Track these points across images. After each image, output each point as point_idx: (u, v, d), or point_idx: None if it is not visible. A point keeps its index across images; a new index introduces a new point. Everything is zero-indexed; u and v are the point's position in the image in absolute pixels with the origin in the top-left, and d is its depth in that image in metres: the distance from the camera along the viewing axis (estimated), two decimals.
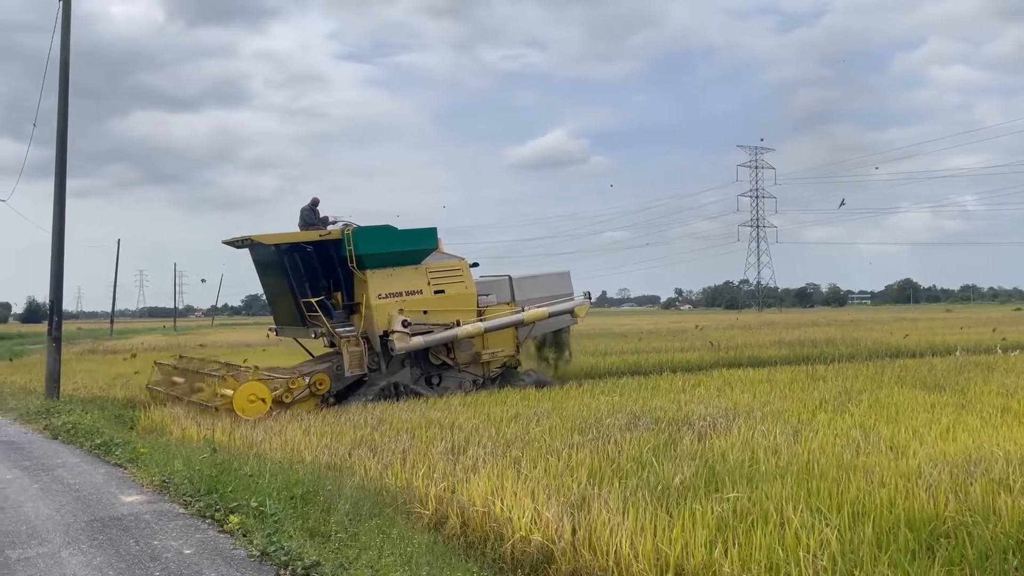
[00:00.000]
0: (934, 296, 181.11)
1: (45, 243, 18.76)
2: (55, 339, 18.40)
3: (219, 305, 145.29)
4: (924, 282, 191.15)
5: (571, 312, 19.67)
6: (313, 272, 17.15)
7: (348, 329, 16.80)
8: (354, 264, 16.80)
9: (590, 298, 20.94)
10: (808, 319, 63.70)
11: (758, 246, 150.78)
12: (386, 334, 16.77)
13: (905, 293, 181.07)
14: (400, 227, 17.85)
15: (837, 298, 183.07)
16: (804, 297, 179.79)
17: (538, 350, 20.69)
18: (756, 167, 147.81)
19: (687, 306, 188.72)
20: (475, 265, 18.64)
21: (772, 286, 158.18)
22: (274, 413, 14.75)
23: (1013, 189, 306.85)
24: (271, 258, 17.46)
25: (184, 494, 8.56)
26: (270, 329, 19.86)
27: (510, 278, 19.55)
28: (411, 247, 17.53)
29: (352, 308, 17.27)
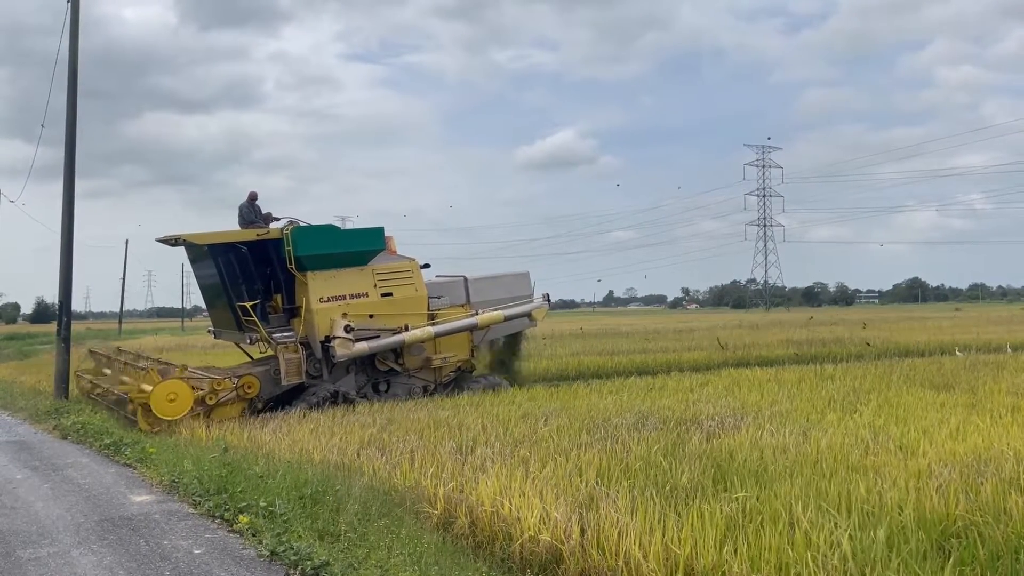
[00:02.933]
0: (942, 295, 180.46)
1: (54, 244, 18.85)
2: (64, 339, 18.49)
3: None
4: (932, 281, 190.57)
5: (528, 315, 18.81)
6: (248, 274, 16.27)
7: (286, 335, 15.83)
8: (293, 265, 15.94)
9: (549, 300, 20.02)
10: (816, 318, 63.50)
11: (765, 245, 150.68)
12: (328, 340, 15.87)
13: (913, 292, 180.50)
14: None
15: (845, 297, 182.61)
16: (811, 296, 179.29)
17: (494, 354, 19.96)
18: (763, 166, 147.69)
19: (694, 305, 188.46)
20: (426, 266, 17.82)
21: (779, 285, 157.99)
22: (197, 414, 14.08)
23: (1021, 188, 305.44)
24: (205, 259, 16.56)
25: (193, 494, 8.59)
26: (208, 331, 18.99)
27: (465, 279, 18.75)
28: (356, 248, 16.69)
29: (292, 312, 16.33)
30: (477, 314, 17.67)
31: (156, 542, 7.11)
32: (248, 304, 15.54)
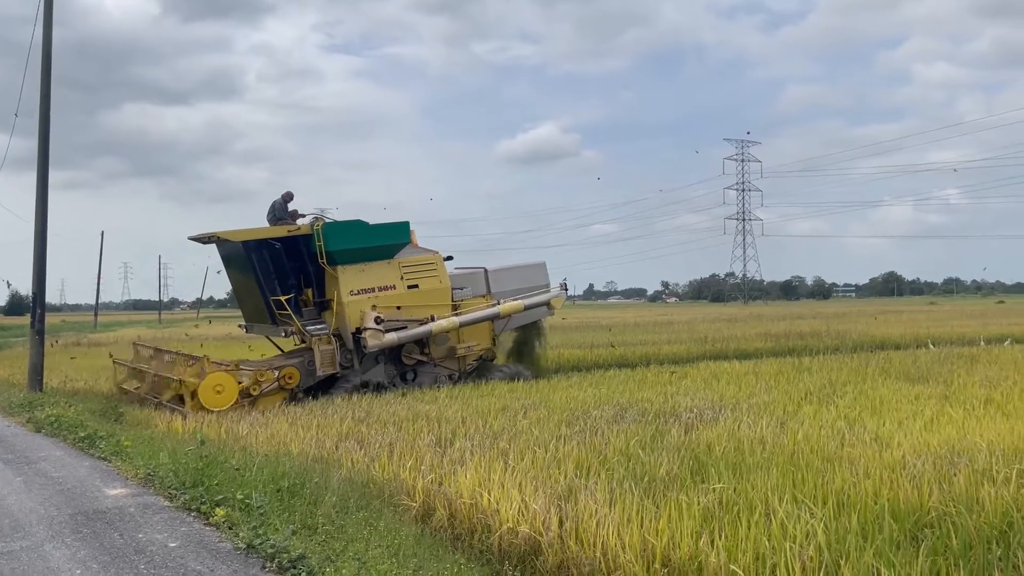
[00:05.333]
0: (918, 289, 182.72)
1: (28, 235, 18.60)
2: (38, 332, 18.26)
3: (204, 298, 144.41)
4: (908, 275, 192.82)
5: (547, 304, 19.38)
6: (282, 269, 16.69)
7: (319, 327, 16.41)
8: (324, 260, 16.46)
9: (566, 289, 20.73)
10: (793, 312, 64.04)
11: (744, 239, 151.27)
12: (359, 331, 16.41)
13: (889, 286, 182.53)
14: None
15: (822, 291, 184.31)
16: (789, 290, 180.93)
17: (514, 343, 20.42)
18: (743, 160, 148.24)
19: (673, 299, 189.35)
20: (449, 258, 18.32)
21: (758, 279, 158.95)
22: (243, 405, 14.57)
23: (994, 183, 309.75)
24: (238, 255, 16.99)
25: (169, 487, 8.51)
26: (240, 326, 19.53)
27: (485, 270, 19.22)
28: (383, 242, 17.15)
29: (323, 305, 16.85)
30: (498, 304, 18.19)
31: (131, 535, 7.04)
32: (283, 298, 16.10)
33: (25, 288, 73.14)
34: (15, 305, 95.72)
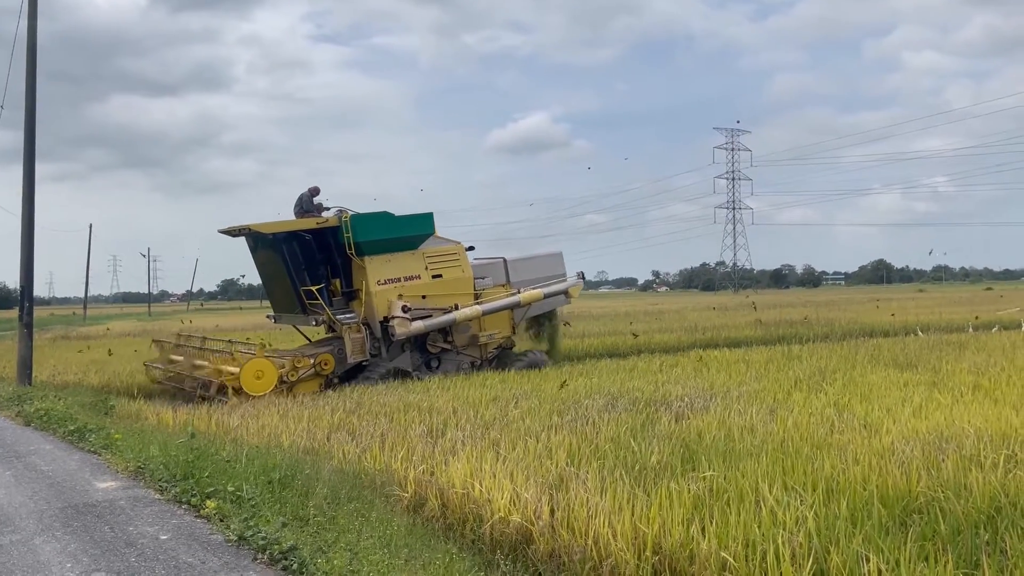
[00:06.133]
0: (907, 276, 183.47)
1: (15, 228, 18.48)
2: (26, 325, 18.15)
3: (194, 290, 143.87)
4: (897, 263, 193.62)
5: (565, 292, 19.91)
6: (312, 260, 17.12)
7: (349, 316, 16.87)
8: (352, 251, 16.86)
9: (583, 278, 21.22)
10: (784, 300, 64.26)
11: (734, 228, 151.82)
12: (386, 320, 16.88)
13: (878, 273, 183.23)
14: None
15: (812, 279, 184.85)
16: (779, 278, 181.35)
17: (532, 331, 21.02)
18: (733, 149, 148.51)
19: (664, 288, 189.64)
20: (471, 248, 18.80)
21: (748, 268, 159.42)
22: (282, 391, 15.09)
23: (982, 171, 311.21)
24: (269, 247, 17.41)
25: (160, 480, 8.48)
26: (268, 316, 19.99)
27: (504, 260, 19.69)
28: (409, 233, 17.61)
29: (351, 295, 17.34)
30: (518, 292, 18.64)
31: (121, 528, 7.01)
32: (314, 288, 16.57)
33: (13, 282, 72.64)
34: (3, 299, 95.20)
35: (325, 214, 17.46)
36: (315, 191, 17.96)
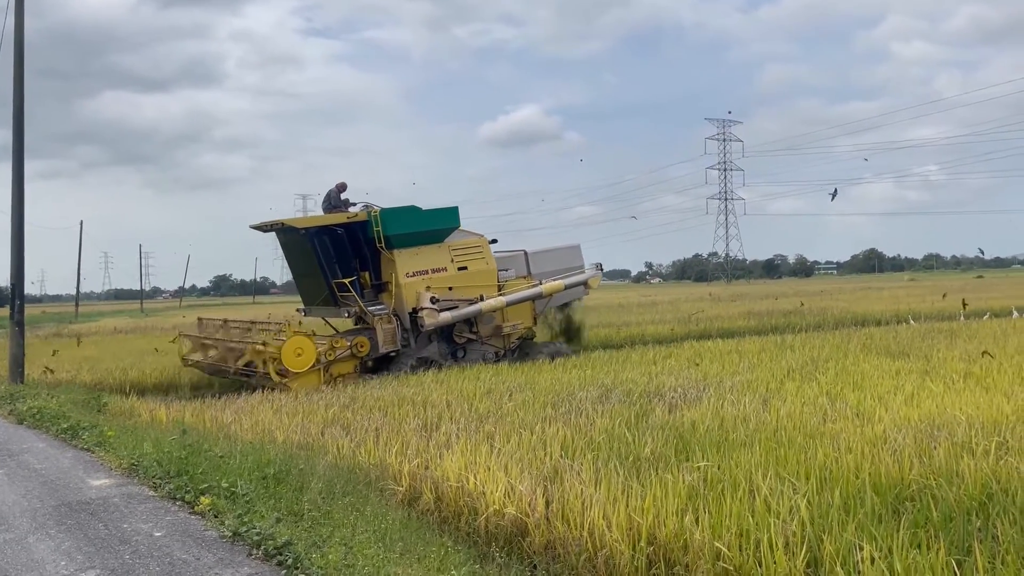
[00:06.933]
0: (899, 265, 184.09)
1: (5, 226, 18.39)
2: (18, 323, 18.07)
3: (187, 286, 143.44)
4: (889, 251, 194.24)
5: (585, 283, 20.45)
6: (343, 254, 17.65)
7: (380, 307, 17.40)
8: (382, 244, 17.33)
9: (601, 269, 21.72)
10: (776, 290, 64.41)
11: (726, 219, 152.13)
12: (415, 311, 17.41)
13: (870, 262, 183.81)
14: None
15: (804, 268, 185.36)
16: (772, 268, 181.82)
17: (553, 321, 21.67)
18: (724, 140, 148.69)
19: (657, 279, 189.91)
20: (494, 241, 19.27)
21: (740, 258, 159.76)
22: (318, 369, 15.95)
23: (972, 159, 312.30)
24: (301, 241, 17.81)
25: (153, 476, 8.46)
26: (298, 309, 20.58)
27: (525, 253, 20.26)
28: (435, 226, 18.11)
29: (380, 287, 17.87)
30: (540, 284, 19.15)
31: (115, 526, 7.00)
32: (346, 280, 17.13)
33: (3, 280, 72.30)
34: None
35: (352, 209, 17.91)
36: (342, 187, 18.34)
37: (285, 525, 6.47)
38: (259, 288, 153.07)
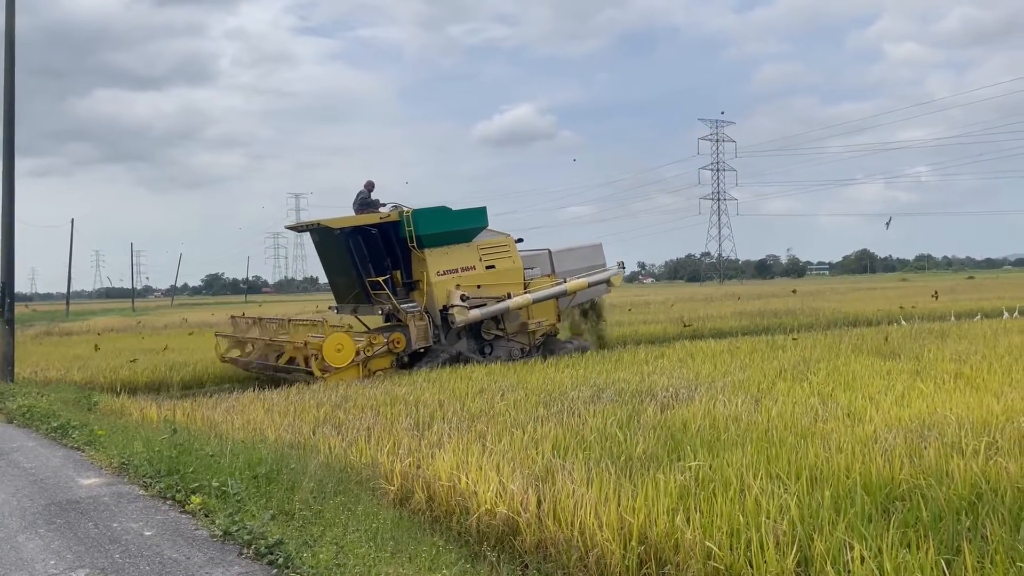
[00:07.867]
0: (890, 266, 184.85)
1: None
2: (8, 321, 17.98)
3: (178, 285, 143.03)
4: (880, 252, 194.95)
5: (607, 281, 20.79)
6: (376, 253, 18.06)
7: (412, 305, 17.95)
8: (414, 244, 17.88)
9: (623, 267, 21.91)
10: (768, 291, 64.58)
11: (719, 219, 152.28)
12: (445, 308, 17.91)
13: (862, 263, 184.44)
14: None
15: (796, 269, 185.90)
16: (764, 269, 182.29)
17: (578, 318, 22.13)
18: (717, 140, 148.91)
19: (650, 280, 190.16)
20: (520, 240, 19.64)
21: (733, 258, 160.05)
22: (356, 364, 16.57)
23: (964, 160, 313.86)
24: (335, 241, 18.21)
25: (144, 476, 8.42)
26: (331, 307, 20.93)
27: (549, 251, 20.69)
28: (465, 226, 18.58)
29: (411, 285, 18.38)
30: (564, 282, 19.55)
31: (105, 525, 6.97)
32: (380, 279, 17.64)
33: None
34: None
35: (382, 209, 18.37)
36: (371, 186, 18.81)
37: (276, 524, 6.46)
38: (251, 287, 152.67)
